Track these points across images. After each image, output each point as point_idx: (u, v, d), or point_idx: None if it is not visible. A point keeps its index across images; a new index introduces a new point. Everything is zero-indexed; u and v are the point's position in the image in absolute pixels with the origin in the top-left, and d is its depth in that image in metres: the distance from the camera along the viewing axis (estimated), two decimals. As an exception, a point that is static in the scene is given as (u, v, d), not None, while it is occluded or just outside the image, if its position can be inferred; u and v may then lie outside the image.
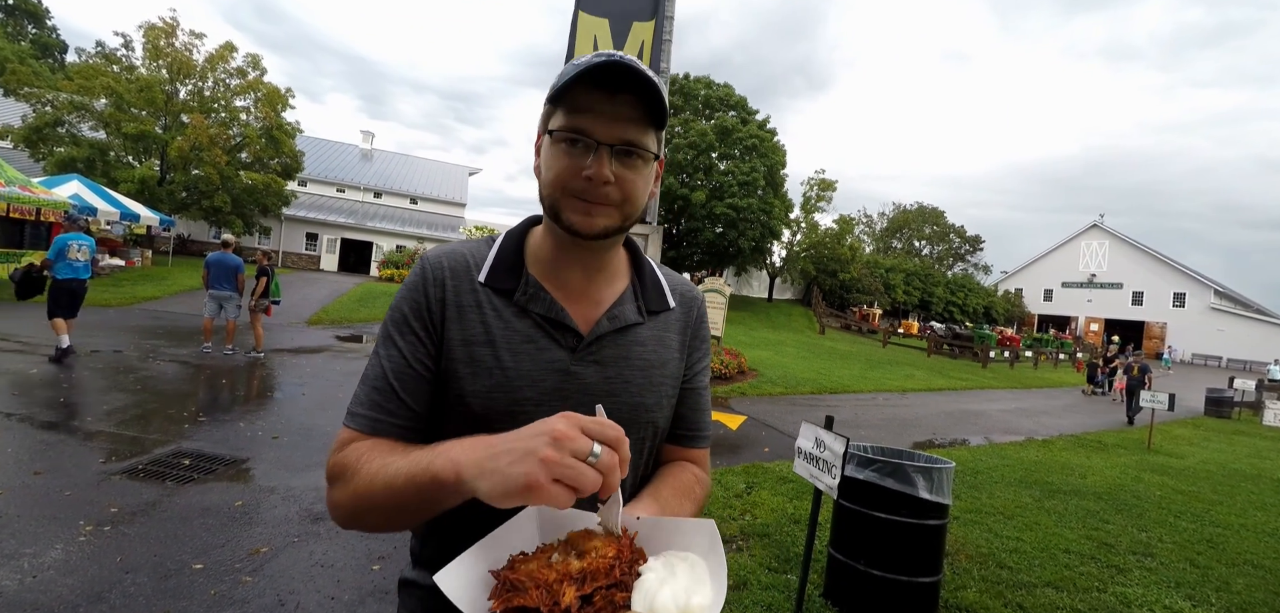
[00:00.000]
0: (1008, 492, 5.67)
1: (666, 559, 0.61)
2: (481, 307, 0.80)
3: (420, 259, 0.85)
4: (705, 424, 0.96)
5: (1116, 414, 13.48)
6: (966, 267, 56.98)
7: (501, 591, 0.58)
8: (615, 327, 0.83)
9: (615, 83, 0.73)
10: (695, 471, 0.93)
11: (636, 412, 0.84)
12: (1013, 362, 23.42)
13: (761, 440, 7.08)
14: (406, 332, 0.80)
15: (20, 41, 39.43)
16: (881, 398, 12.02)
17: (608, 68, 0.72)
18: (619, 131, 0.75)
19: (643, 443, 0.86)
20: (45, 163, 19.98)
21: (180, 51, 22.08)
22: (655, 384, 0.86)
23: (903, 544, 2.86)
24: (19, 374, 6.36)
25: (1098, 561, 4.15)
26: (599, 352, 0.82)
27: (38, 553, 2.96)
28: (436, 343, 0.80)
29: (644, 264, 0.92)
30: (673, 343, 0.90)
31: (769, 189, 28.00)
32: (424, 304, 0.80)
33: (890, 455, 3.03)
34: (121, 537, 3.21)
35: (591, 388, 0.80)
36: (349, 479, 0.72)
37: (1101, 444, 9.28)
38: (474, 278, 0.82)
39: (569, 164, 0.75)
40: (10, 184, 13.18)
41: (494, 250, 0.85)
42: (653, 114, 0.76)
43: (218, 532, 3.38)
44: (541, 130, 0.81)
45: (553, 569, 0.58)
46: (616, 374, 0.83)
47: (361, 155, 38.00)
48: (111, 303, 12.97)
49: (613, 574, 0.57)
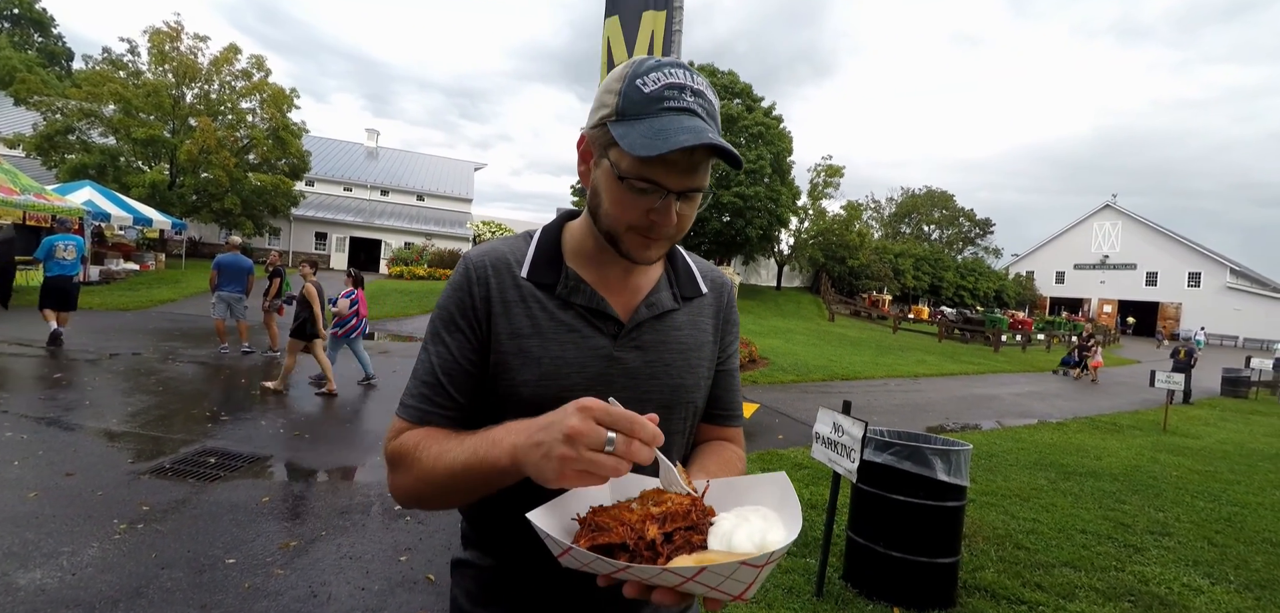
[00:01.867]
0: (1023, 474, 5.67)
1: (740, 512, 0.64)
2: (526, 301, 0.84)
3: (463, 259, 0.88)
4: (739, 404, 1.02)
5: (1129, 397, 13.37)
6: (976, 251, 56.46)
7: (587, 530, 0.63)
8: (654, 313, 0.87)
9: (697, 154, 0.74)
10: (733, 448, 0.98)
11: (677, 393, 0.88)
12: (1025, 345, 23.28)
13: (775, 428, 7.11)
14: (453, 330, 0.84)
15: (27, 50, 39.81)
16: (893, 384, 12.01)
17: (693, 147, 0.71)
18: (690, 182, 0.76)
19: (684, 423, 0.91)
20: (58, 170, 20.24)
21: (185, 55, 22.24)
22: (693, 366, 0.90)
23: (921, 526, 2.89)
24: (45, 378, 6.49)
25: (1115, 541, 4.16)
26: (639, 337, 0.86)
27: (76, 551, 3.05)
28: (482, 339, 0.83)
29: (676, 253, 0.96)
30: (707, 327, 0.94)
31: (776, 177, 27.84)
32: (469, 303, 0.84)
33: (908, 439, 3.05)
34: (155, 534, 3.30)
35: (634, 372, 0.84)
36: (410, 466, 0.77)
37: (1116, 426, 9.23)
38: (516, 274, 0.85)
39: (634, 203, 0.76)
40: (25, 192, 13.37)
41: (532, 247, 0.89)
42: (722, 158, 0.76)
43: (247, 527, 3.46)
44: (600, 150, 0.79)
45: (634, 512, 0.63)
46: (656, 358, 0.87)
47: (367, 154, 38.16)
48: (128, 307, 13.15)
49: (690, 518, 0.62)
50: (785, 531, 0.61)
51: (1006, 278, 47.07)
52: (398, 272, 25.57)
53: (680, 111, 0.73)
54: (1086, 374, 16.56)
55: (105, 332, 9.83)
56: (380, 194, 34.45)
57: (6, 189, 12.84)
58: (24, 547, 3.05)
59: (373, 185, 34.38)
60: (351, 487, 4.27)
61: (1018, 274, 50.04)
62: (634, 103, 0.74)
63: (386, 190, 34.69)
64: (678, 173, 0.74)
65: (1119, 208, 46.89)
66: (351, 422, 5.93)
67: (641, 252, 0.80)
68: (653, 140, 0.70)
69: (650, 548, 0.59)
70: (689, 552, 0.59)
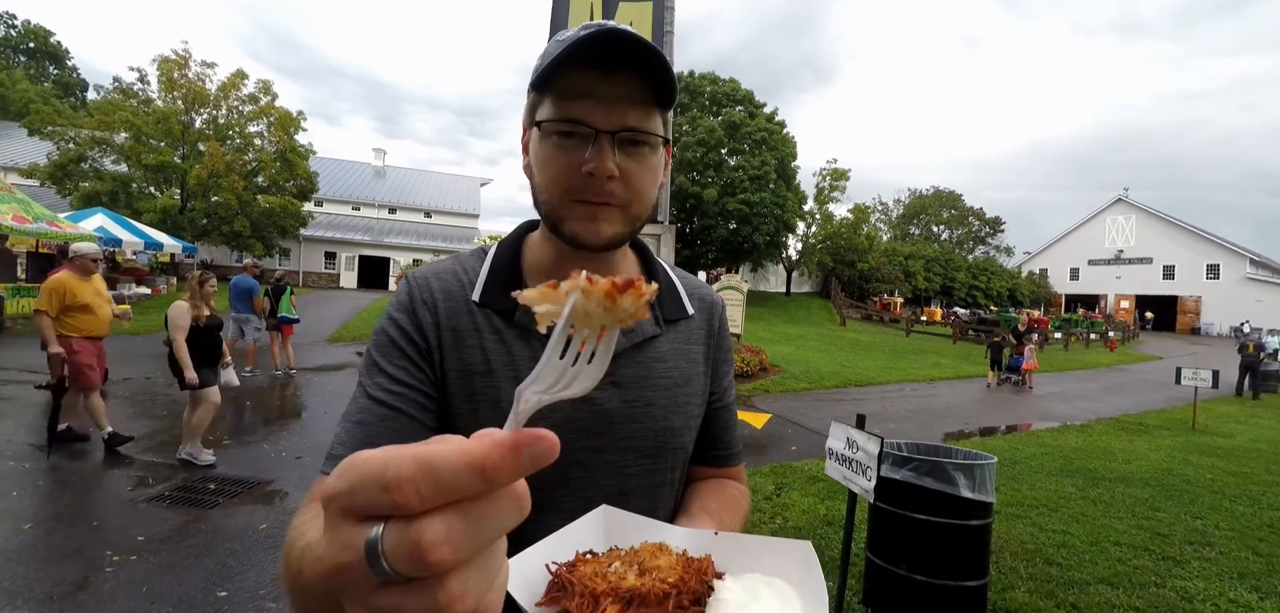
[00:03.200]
0: (1049, 482, 5.44)
1: (749, 582, 0.54)
2: (479, 330, 0.70)
3: (406, 279, 0.75)
4: (737, 440, 0.89)
5: (1154, 395, 12.98)
6: (988, 250, 55.81)
7: (552, 588, 0.54)
8: (632, 342, 0.73)
9: (612, 59, 0.63)
10: (735, 484, 0.85)
11: (663, 437, 0.74)
12: (1042, 344, 22.80)
13: (788, 439, 6.92)
14: (395, 358, 0.68)
15: (43, 82, 40.74)
16: (908, 388, 11.75)
17: (602, 40, 0.61)
18: (620, 117, 0.64)
19: (671, 472, 0.77)
20: (71, 198, 20.55)
21: (194, 82, 22.56)
22: (681, 405, 0.76)
23: (945, 547, 2.71)
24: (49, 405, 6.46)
25: (1152, 552, 3.93)
26: (617, 372, 0.71)
27: (66, 587, 2.95)
28: (432, 373, 0.69)
29: (656, 268, 0.83)
30: (696, 355, 0.81)
31: (781, 182, 27.67)
32: (413, 328, 0.70)
33: (927, 453, 2.88)
34: (147, 567, 3.19)
35: (611, 416, 0.71)
36: (287, 557, 0.47)
37: (1143, 426, 8.93)
38: (467, 298, 0.72)
39: (565, 161, 0.65)
40: (38, 220, 13.53)
41: (487, 265, 0.75)
42: (658, 92, 0.66)
43: (242, 557, 3.35)
44: (528, 123, 0.70)
45: (606, 579, 0.52)
46: (638, 396, 0.73)
47: (375, 173, 38.49)
48: (139, 331, 13.20)
49: (664, 605, 0.50)
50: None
51: (1020, 276, 46.43)
52: (406, 288, 25.66)
53: (592, 33, 0.62)
54: (1017, 380, 13.27)
55: (117, 356, 9.81)
56: (388, 212, 34.70)
57: (20, 218, 13.00)
58: (12, 582, 2.96)
59: (381, 204, 34.65)
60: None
61: (1031, 272, 49.34)
62: (549, 53, 0.64)
63: (394, 209, 34.94)
64: (602, 106, 0.64)
65: (1132, 202, 46.15)
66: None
67: (588, 225, 0.67)
68: (552, 50, 0.62)
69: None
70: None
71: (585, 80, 0.63)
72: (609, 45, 0.62)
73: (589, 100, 0.64)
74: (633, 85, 0.64)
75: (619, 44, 0.61)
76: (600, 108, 0.64)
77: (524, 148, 0.72)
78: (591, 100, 0.64)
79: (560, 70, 0.63)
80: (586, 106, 0.64)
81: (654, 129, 0.67)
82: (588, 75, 0.63)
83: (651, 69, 0.63)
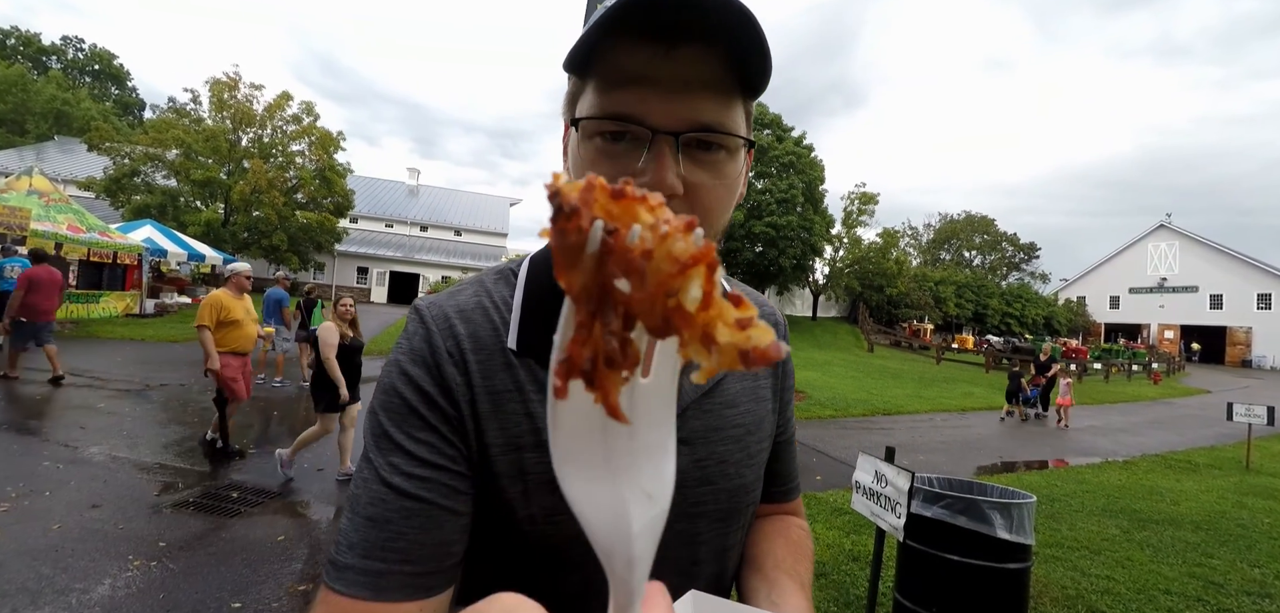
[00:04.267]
0: (1091, 522, 5.14)
1: None
2: (522, 390, 0.54)
3: (416, 313, 0.58)
4: (797, 471, 0.80)
5: (1202, 431, 12.30)
6: (1022, 276, 54.23)
7: None
8: (702, 390, 0.60)
9: (677, 28, 0.46)
10: (799, 523, 0.76)
11: (737, 497, 0.63)
12: (1080, 375, 21.92)
13: (813, 467, 6.72)
14: (415, 429, 0.52)
15: (104, 101, 43.17)
16: (939, 418, 11.37)
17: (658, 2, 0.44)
18: (688, 111, 0.47)
19: (742, 530, 0.67)
20: (123, 210, 21.61)
21: (242, 102, 23.65)
22: (754, 456, 0.65)
23: (980, 591, 2.55)
24: (86, 407, 6.69)
25: (1206, 603, 3.66)
26: (685, 427, 0.58)
27: (87, 589, 3.00)
28: (465, 446, 0.53)
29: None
30: (765, 393, 0.69)
31: (808, 205, 27.48)
32: (438, 390, 0.53)
33: (961, 490, 2.73)
34: (167, 573, 3.23)
35: (683, 479, 0.53)
36: None
37: (1192, 465, 8.43)
38: (501, 342, 0.56)
39: (610, 171, 0.48)
40: (90, 230, 14.21)
41: (519, 297, 0.59)
42: (742, 72, 0.49)
43: (259, 568, 3.36)
44: (568, 117, 0.55)
45: None
46: (709, 454, 0.60)
47: (408, 192, 39.57)
48: (178, 339, 13.69)
49: None
50: None
51: (1056, 304, 44.94)
52: (434, 304, 26.15)
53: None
54: (1049, 416, 12.17)
55: (154, 363, 10.20)
56: (420, 230, 35.55)
57: (74, 227, 13.68)
58: (37, 582, 3.02)
59: (413, 222, 35.52)
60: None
61: (1068, 300, 47.71)
62: (585, 31, 0.48)
63: (426, 226, 35.79)
64: (660, 94, 0.47)
65: (1175, 228, 44.39)
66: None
67: None
68: (597, 14, 0.46)
69: None
70: None
71: (639, 59, 0.47)
72: (672, 4, 0.43)
73: (644, 88, 0.47)
74: (706, 64, 0.47)
75: (685, 3, 0.43)
76: (660, 99, 0.47)
77: (564, 150, 0.57)
78: (647, 88, 0.47)
79: (604, 44, 0.47)
80: (640, 97, 0.47)
81: (734, 127, 0.50)
82: (642, 51, 0.46)
83: (733, 39, 0.46)
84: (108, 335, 13.06)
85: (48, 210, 13.41)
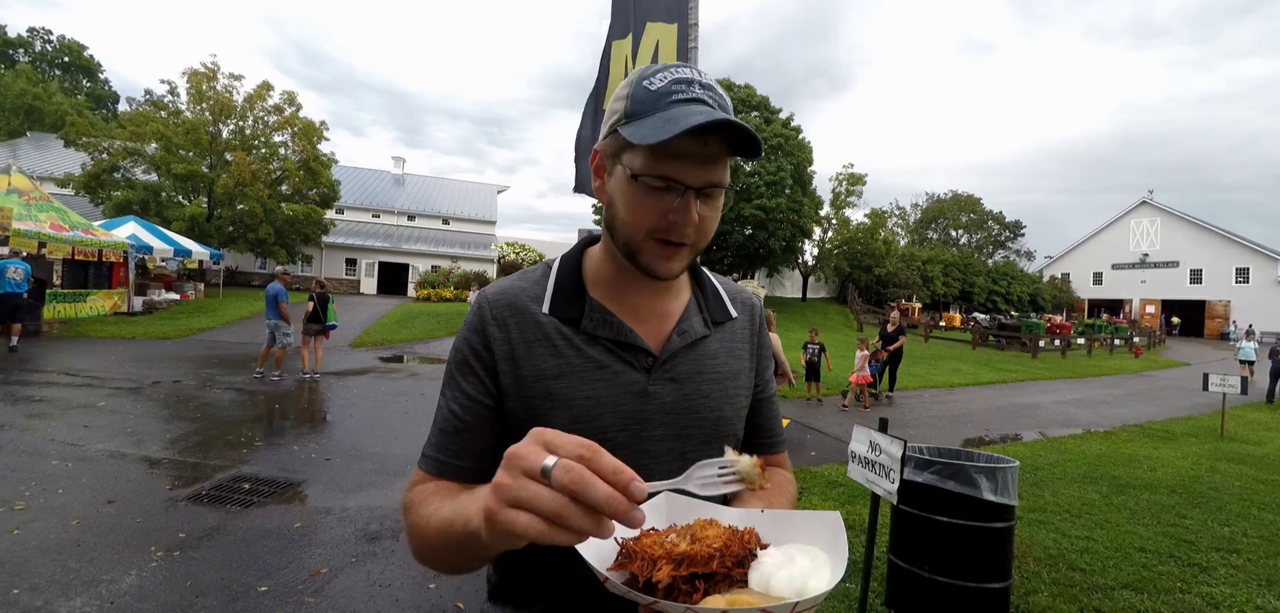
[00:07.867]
0: (1072, 488, 5.39)
1: (787, 549, 0.63)
2: (550, 339, 0.79)
3: (477, 299, 0.84)
4: (781, 429, 0.99)
5: (1180, 402, 12.72)
6: (1008, 254, 54.97)
7: (620, 555, 0.64)
8: (686, 342, 0.83)
9: (708, 127, 0.69)
10: (782, 471, 0.96)
11: (718, 426, 0.84)
12: (1064, 351, 22.41)
13: (807, 444, 6.93)
14: (468, 373, 0.79)
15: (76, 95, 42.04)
16: (928, 395, 11.66)
17: (709, 129, 0.68)
18: (708, 175, 0.72)
19: None
20: (104, 206, 21.23)
21: (221, 93, 23.21)
22: (732, 396, 0.86)
23: (968, 549, 2.74)
24: (87, 406, 6.71)
25: (1177, 559, 3.90)
26: (674, 368, 0.81)
27: (114, 579, 3.09)
28: (499, 385, 0.79)
29: (702, 275, 0.92)
30: (741, 353, 0.90)
31: (797, 187, 27.62)
32: (483, 345, 0.79)
33: (949, 457, 2.90)
34: (190, 561, 3.33)
35: (671, 407, 0.80)
36: (409, 521, 0.75)
37: (1169, 434, 8.77)
38: (535, 312, 0.80)
39: (652, 206, 0.72)
40: (73, 229, 14.00)
41: (552, 279, 0.84)
42: (738, 150, 0.73)
43: (279, 554, 3.48)
44: (611, 156, 0.77)
45: (663, 547, 0.61)
46: (693, 389, 0.82)
47: (395, 181, 39.12)
48: (169, 336, 13.61)
49: (710, 565, 0.60)
50: (830, 575, 0.60)
51: (1041, 281, 45.65)
52: (425, 294, 26.04)
53: (689, 101, 0.70)
54: (883, 398, 10.52)
55: (147, 360, 10.17)
56: (407, 219, 35.22)
57: (57, 226, 13.47)
58: (66, 575, 3.11)
59: (400, 211, 35.17)
60: (381, 512, 4.27)
61: (1053, 277, 48.48)
62: (642, 101, 0.72)
63: (413, 216, 35.45)
64: (694, 165, 0.70)
65: (1156, 204, 45.17)
66: (382, 446, 5.97)
67: (663, 263, 0.75)
68: (663, 127, 0.67)
69: (648, 588, 0.58)
70: (728, 587, 0.60)
71: (686, 145, 0.69)
72: (715, 129, 0.68)
73: (685, 161, 0.70)
74: (721, 145, 0.71)
75: (719, 123, 0.67)
76: (694, 168, 0.70)
77: (597, 171, 0.80)
78: (686, 161, 0.70)
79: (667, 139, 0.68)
80: (681, 167, 0.70)
81: (726, 179, 0.75)
82: (685, 140, 0.68)
83: (737, 136, 0.69)
84: (97, 334, 12.95)
85: (30, 209, 13.20)
